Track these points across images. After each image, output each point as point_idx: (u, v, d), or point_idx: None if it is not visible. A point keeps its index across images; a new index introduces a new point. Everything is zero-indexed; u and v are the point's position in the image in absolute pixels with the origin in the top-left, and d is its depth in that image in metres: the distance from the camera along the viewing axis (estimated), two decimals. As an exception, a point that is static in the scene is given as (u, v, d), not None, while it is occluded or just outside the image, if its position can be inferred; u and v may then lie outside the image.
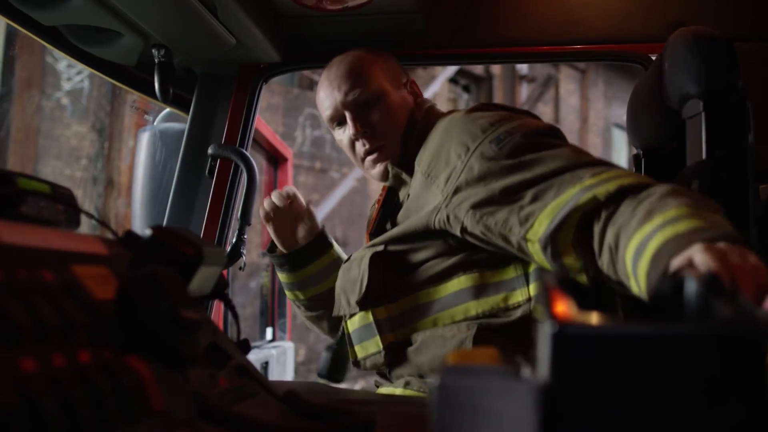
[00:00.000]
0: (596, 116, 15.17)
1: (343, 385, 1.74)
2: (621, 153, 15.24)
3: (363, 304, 1.56)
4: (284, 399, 0.90)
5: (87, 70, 2.11)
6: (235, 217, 2.08)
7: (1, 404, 0.51)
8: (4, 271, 0.64)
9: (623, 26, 1.97)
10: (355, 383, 9.04)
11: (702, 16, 1.88)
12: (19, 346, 0.59)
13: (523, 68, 13.40)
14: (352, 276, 1.60)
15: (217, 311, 2.23)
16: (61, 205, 0.92)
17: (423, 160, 1.57)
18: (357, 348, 1.62)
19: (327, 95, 1.75)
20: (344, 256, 1.88)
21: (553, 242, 1.26)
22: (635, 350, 0.51)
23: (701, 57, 1.44)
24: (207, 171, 2.10)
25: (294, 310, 2.28)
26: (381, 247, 1.58)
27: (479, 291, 1.48)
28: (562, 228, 1.25)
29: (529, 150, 1.38)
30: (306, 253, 1.87)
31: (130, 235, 0.92)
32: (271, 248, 1.92)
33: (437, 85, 12.56)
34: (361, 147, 1.72)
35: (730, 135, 1.43)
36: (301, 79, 11.73)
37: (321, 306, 1.89)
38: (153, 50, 1.94)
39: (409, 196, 1.63)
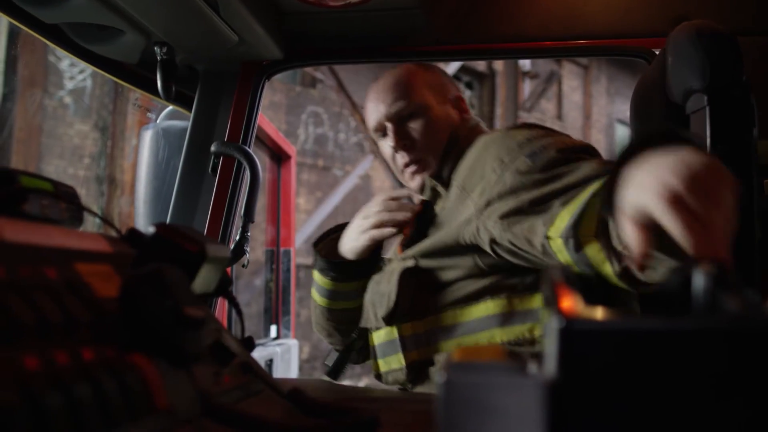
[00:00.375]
0: (599, 112, 15.15)
1: (347, 382, 1.74)
2: (624, 149, 15.19)
3: (389, 319, 1.57)
4: (289, 396, 0.90)
5: (89, 69, 2.11)
6: (239, 214, 2.08)
7: (4, 402, 0.51)
8: (7, 269, 0.64)
9: (626, 21, 1.96)
10: (359, 380, 9.05)
11: (705, 10, 1.87)
12: (22, 344, 0.58)
13: (525, 64, 13.39)
14: (382, 290, 1.61)
15: (221, 309, 2.23)
16: (63, 203, 0.92)
17: (460, 174, 1.60)
18: (380, 362, 1.63)
19: (372, 107, 1.77)
20: None
21: (575, 234, 1.19)
22: (642, 345, 0.51)
23: (705, 51, 1.43)
24: (210, 168, 2.09)
25: (298, 309, 2.27)
26: (412, 263, 1.58)
27: (506, 319, 1.48)
28: (584, 218, 1.18)
29: (562, 164, 1.38)
30: (363, 268, 1.77)
31: (134, 232, 0.92)
32: (325, 249, 1.84)
33: (439, 82, 12.53)
34: (400, 159, 1.74)
35: (734, 130, 1.43)
36: (303, 76, 11.73)
37: (343, 321, 1.84)
38: (155, 48, 1.94)
39: (444, 209, 1.64)
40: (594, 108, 15.00)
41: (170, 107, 2.37)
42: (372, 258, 1.76)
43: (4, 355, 0.56)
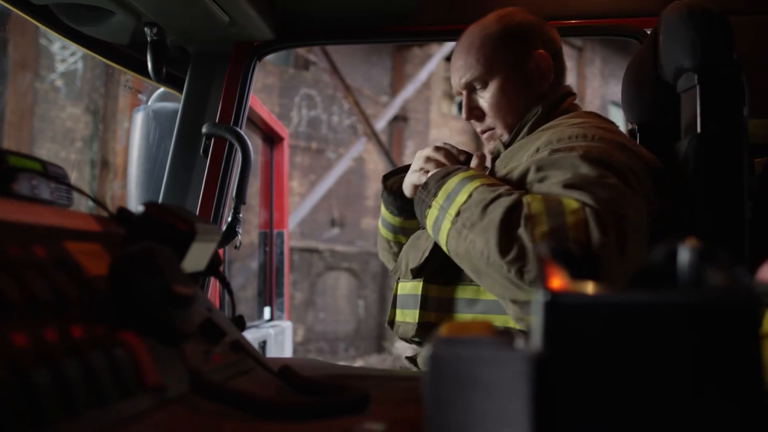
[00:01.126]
0: (593, 94, 15.14)
1: (341, 363, 1.75)
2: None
3: (416, 272, 1.59)
4: (279, 374, 0.91)
5: (81, 51, 2.09)
6: (231, 196, 2.07)
7: (-7, 378, 0.51)
8: (-5, 247, 0.64)
9: (618, 1, 1.96)
10: (353, 362, 9.09)
11: (697, -11, 1.86)
12: (11, 321, 0.59)
13: (519, 46, 13.33)
14: (419, 244, 1.62)
15: (213, 289, 2.23)
16: (53, 183, 0.92)
17: (517, 144, 1.60)
18: (398, 311, 1.65)
19: (452, 70, 1.72)
20: None
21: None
22: (628, 319, 0.51)
23: (696, 30, 1.43)
24: (201, 150, 2.09)
25: (293, 291, 2.28)
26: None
27: (521, 308, 1.45)
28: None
29: (567, 163, 1.37)
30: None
31: (123, 212, 0.92)
32: (392, 185, 1.85)
33: (433, 64, 12.53)
34: (475, 125, 1.73)
35: (725, 108, 1.43)
36: (296, 59, 11.69)
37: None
38: (145, 29, 1.93)
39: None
40: (587, 90, 14.99)
41: (161, 89, 2.36)
42: None
43: (-8, 331, 0.56)
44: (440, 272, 1.56)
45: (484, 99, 1.66)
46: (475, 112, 1.68)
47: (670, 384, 0.50)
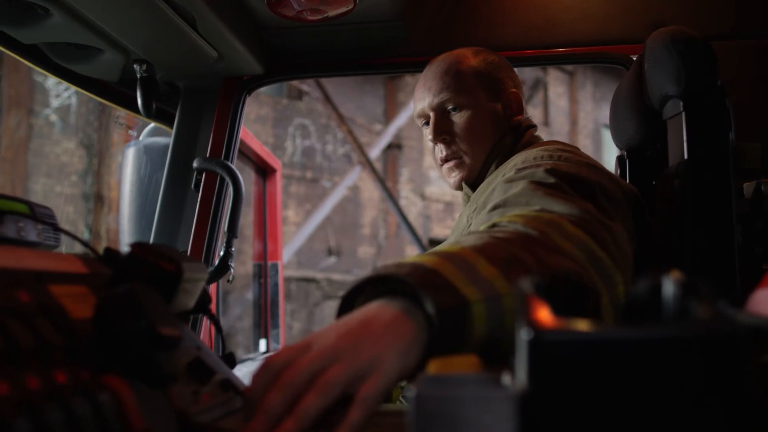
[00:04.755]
0: (585, 118, 15.21)
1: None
2: (611, 154, 15.25)
3: None
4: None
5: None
6: (223, 230, 2.07)
7: (-28, 430, 0.50)
8: (-22, 294, 0.64)
9: (604, 28, 1.98)
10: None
11: (682, 16, 1.88)
12: (-8, 370, 0.58)
13: (510, 72, 13.42)
14: None
15: (206, 327, 2.22)
16: (40, 224, 0.92)
17: (486, 180, 1.58)
18: None
19: (419, 92, 1.70)
20: None
21: None
22: (613, 354, 0.51)
23: (679, 57, 1.44)
24: (193, 185, 2.09)
25: (290, 321, 2.26)
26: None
27: None
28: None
29: (531, 179, 1.27)
30: None
31: (110, 252, 0.92)
32: None
33: (426, 92, 12.55)
34: (439, 152, 1.68)
35: (711, 134, 1.44)
36: (289, 89, 11.75)
37: None
38: (135, 66, 1.94)
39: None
40: (580, 113, 15.06)
41: (152, 124, 2.37)
42: None
43: (-28, 381, 0.56)
44: None
45: (457, 122, 1.64)
46: (443, 135, 1.65)
47: (658, 418, 0.50)
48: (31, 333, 0.65)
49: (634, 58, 1.76)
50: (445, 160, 1.67)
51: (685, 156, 1.43)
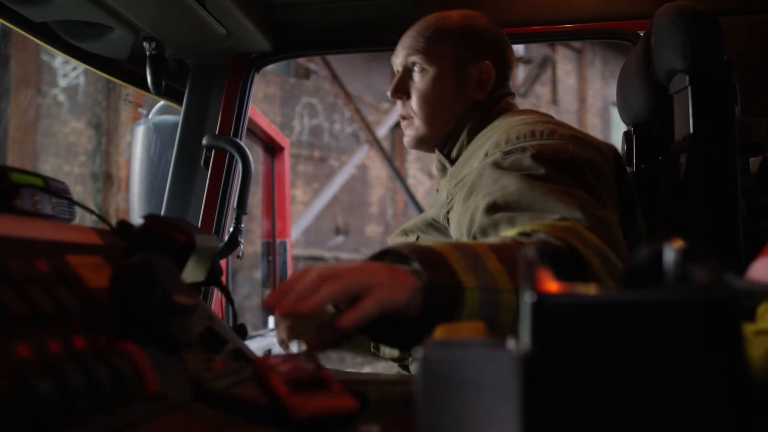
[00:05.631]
0: (594, 96, 15.15)
1: (349, 371, 1.74)
2: (619, 132, 15.18)
3: None
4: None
5: (82, 66, 2.12)
6: (232, 206, 2.09)
7: (-2, 388, 0.52)
8: (-2, 262, 0.66)
9: (611, 4, 1.97)
10: (362, 368, 9.07)
11: (689, -10, 1.88)
12: (15, 333, 0.60)
13: (519, 50, 13.37)
14: None
15: (216, 300, 2.25)
16: (54, 198, 0.94)
17: (464, 155, 1.56)
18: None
19: (398, 47, 1.69)
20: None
21: None
22: (614, 317, 0.52)
23: (686, 31, 1.44)
24: (202, 162, 2.11)
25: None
26: (414, 237, 1.56)
27: None
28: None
29: (520, 168, 1.29)
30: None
31: (123, 224, 0.94)
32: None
33: (433, 70, 12.51)
34: (398, 107, 1.68)
35: (717, 108, 1.44)
36: (297, 68, 11.72)
37: None
38: (144, 43, 1.95)
39: (442, 187, 1.62)
40: (589, 92, 15.00)
41: (161, 102, 2.38)
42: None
43: (-4, 343, 0.58)
44: None
45: (416, 84, 1.63)
46: (399, 93, 1.65)
47: (656, 379, 0.51)
48: (50, 299, 0.67)
49: (642, 34, 1.76)
50: (402, 118, 1.68)
51: (691, 130, 1.44)
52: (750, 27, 1.79)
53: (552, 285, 0.56)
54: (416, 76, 1.63)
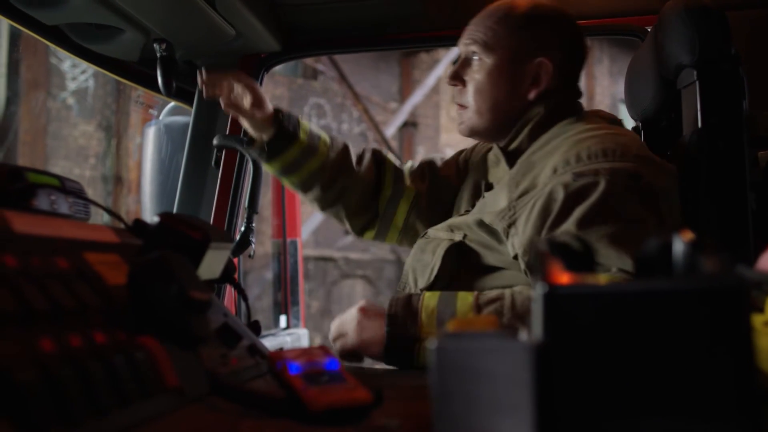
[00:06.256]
0: (602, 93, 15.11)
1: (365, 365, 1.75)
2: (627, 128, 15.18)
3: (427, 290, 1.51)
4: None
5: (91, 69, 2.13)
6: (243, 206, 2.11)
7: (24, 380, 0.54)
8: (20, 259, 0.67)
9: (619, 0, 1.98)
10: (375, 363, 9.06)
11: (696, -15, 1.88)
12: (38, 328, 0.62)
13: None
14: (425, 260, 1.57)
15: (229, 298, 2.27)
16: (71, 197, 0.95)
17: (524, 159, 1.53)
18: None
19: (466, 30, 1.64)
20: (323, 136, 1.83)
21: None
22: (623, 307, 0.54)
23: (693, 26, 1.45)
24: (213, 162, 2.12)
25: (308, 300, 2.30)
26: (459, 237, 1.54)
27: None
28: None
29: (589, 206, 1.32)
30: (271, 148, 1.78)
31: (139, 223, 0.95)
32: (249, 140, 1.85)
33: (441, 69, 12.53)
34: (455, 94, 1.66)
35: (725, 102, 1.45)
36: (304, 69, 11.73)
37: (313, 188, 1.84)
38: (154, 45, 1.97)
39: (498, 183, 1.60)
40: (597, 89, 14.95)
41: (172, 103, 2.40)
42: (273, 137, 1.77)
43: (20, 337, 0.59)
44: (450, 288, 1.50)
45: (473, 73, 1.60)
46: (455, 81, 1.63)
47: (666, 367, 0.52)
48: (70, 296, 0.68)
49: (649, 30, 1.76)
50: (458, 105, 1.65)
51: (699, 125, 1.45)
52: (757, 21, 1.79)
53: (563, 276, 0.57)
54: (474, 65, 1.60)
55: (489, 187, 1.67)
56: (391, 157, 1.94)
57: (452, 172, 1.88)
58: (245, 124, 1.78)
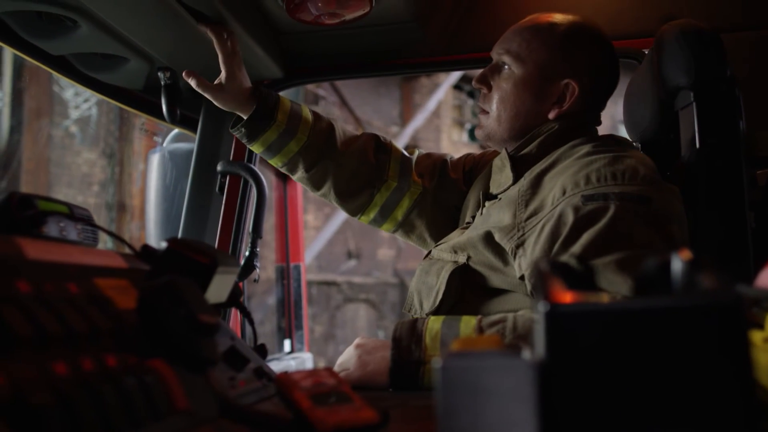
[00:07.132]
0: (603, 114, 15.14)
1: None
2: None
3: (434, 314, 1.52)
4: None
5: (94, 98, 2.16)
6: (247, 231, 2.12)
7: (39, 404, 0.55)
8: (32, 285, 0.69)
9: (616, 23, 2.00)
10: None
11: (693, 9, 1.91)
12: (51, 352, 0.63)
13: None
14: (430, 282, 1.57)
15: (234, 322, 2.28)
16: (79, 224, 0.97)
17: (533, 175, 1.53)
18: None
19: (503, 36, 1.67)
20: (305, 116, 1.87)
21: None
22: (624, 324, 0.55)
23: (689, 49, 1.47)
24: (217, 188, 2.15)
25: (312, 324, 2.31)
26: (464, 259, 1.54)
27: None
28: None
29: (598, 231, 1.33)
30: (249, 129, 1.83)
31: (147, 248, 0.97)
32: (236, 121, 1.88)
33: (441, 93, 12.61)
34: (479, 98, 1.69)
35: (722, 123, 1.47)
36: (306, 94, 11.79)
37: (297, 170, 1.87)
38: (159, 73, 1.99)
39: (500, 197, 1.60)
40: (597, 110, 14.99)
41: (176, 130, 2.42)
42: (250, 119, 1.81)
43: (34, 361, 0.60)
44: (455, 310, 1.51)
45: (500, 81, 1.62)
46: (482, 84, 1.65)
47: (667, 383, 0.53)
48: (83, 320, 0.70)
49: (646, 52, 1.79)
50: (480, 109, 1.68)
51: (697, 145, 1.47)
52: (751, 43, 1.82)
53: (565, 295, 0.58)
54: (504, 73, 1.62)
55: (490, 196, 1.67)
56: (398, 146, 1.96)
57: (459, 176, 1.91)
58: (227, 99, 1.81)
